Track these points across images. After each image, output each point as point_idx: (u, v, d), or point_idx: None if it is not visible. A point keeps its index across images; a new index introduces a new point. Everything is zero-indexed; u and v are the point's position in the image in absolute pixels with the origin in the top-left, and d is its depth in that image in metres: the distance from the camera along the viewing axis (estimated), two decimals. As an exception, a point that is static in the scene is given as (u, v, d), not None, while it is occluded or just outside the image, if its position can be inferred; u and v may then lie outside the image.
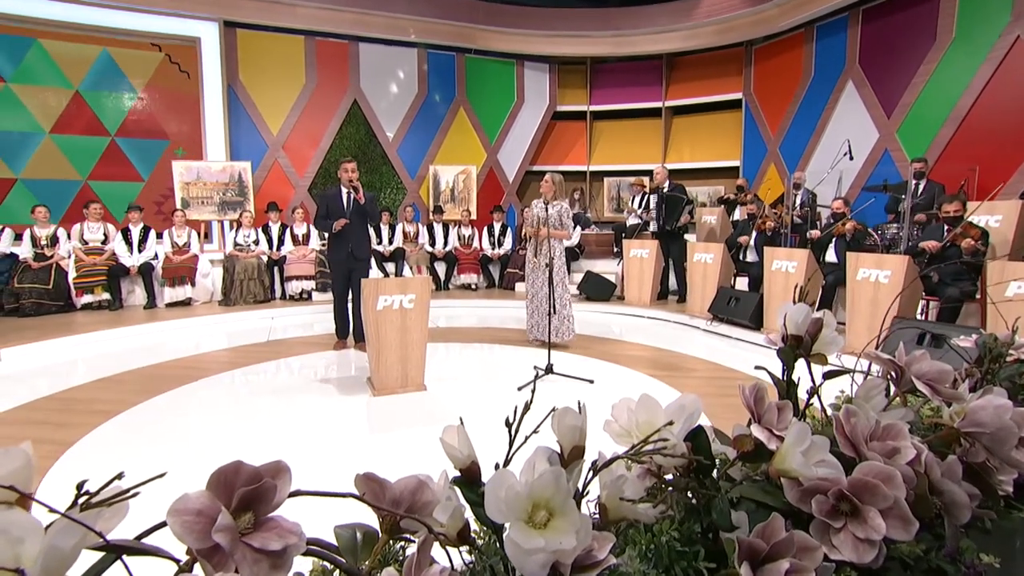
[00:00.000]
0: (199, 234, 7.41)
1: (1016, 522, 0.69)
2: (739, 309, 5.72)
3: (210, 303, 7.12)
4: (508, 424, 0.54)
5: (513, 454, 0.53)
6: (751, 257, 6.60)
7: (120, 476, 0.41)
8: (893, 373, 0.78)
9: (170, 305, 6.76)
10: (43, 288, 6.16)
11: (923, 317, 4.91)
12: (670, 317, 6.70)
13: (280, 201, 8.19)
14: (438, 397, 3.90)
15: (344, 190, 4.72)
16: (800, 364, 0.75)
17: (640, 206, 8.24)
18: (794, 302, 0.79)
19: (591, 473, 0.54)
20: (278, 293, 7.50)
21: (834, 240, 5.74)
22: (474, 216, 9.28)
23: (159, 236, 7.03)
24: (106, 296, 6.54)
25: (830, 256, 5.75)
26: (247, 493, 0.38)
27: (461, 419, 0.57)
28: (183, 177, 7.63)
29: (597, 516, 0.58)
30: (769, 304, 5.48)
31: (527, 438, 0.53)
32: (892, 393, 0.78)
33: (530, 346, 5.16)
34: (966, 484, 0.64)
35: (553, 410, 0.54)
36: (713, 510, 0.55)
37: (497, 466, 0.49)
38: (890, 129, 7.33)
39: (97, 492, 0.39)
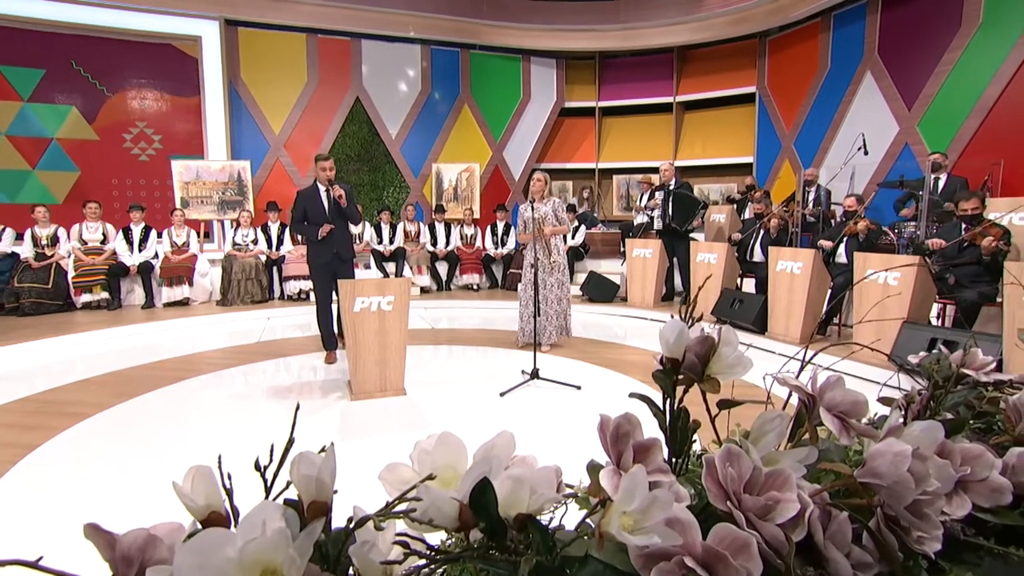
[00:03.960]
0: (199, 234, 7.41)
1: None
2: (743, 312, 5.46)
3: (208, 303, 7.11)
4: (259, 468, 0.45)
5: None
6: (758, 257, 6.31)
7: None
8: (807, 402, 0.63)
9: (168, 305, 6.75)
10: (42, 287, 6.21)
11: (939, 322, 4.60)
12: (673, 319, 6.46)
13: (283, 200, 8.12)
14: (417, 402, 3.80)
15: (322, 188, 4.48)
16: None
17: (647, 204, 7.99)
18: (674, 315, 0.69)
19: (344, 535, 0.45)
20: (276, 293, 7.45)
21: (845, 240, 5.42)
22: (477, 215, 9.12)
23: (159, 236, 7.03)
24: (105, 295, 6.55)
25: (840, 257, 5.44)
26: None
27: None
28: (182, 176, 7.63)
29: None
30: (774, 307, 5.21)
31: (289, 484, 0.45)
32: (803, 427, 0.63)
33: (524, 349, 4.99)
34: (859, 550, 0.51)
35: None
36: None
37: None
38: (911, 122, 6.95)
39: None
